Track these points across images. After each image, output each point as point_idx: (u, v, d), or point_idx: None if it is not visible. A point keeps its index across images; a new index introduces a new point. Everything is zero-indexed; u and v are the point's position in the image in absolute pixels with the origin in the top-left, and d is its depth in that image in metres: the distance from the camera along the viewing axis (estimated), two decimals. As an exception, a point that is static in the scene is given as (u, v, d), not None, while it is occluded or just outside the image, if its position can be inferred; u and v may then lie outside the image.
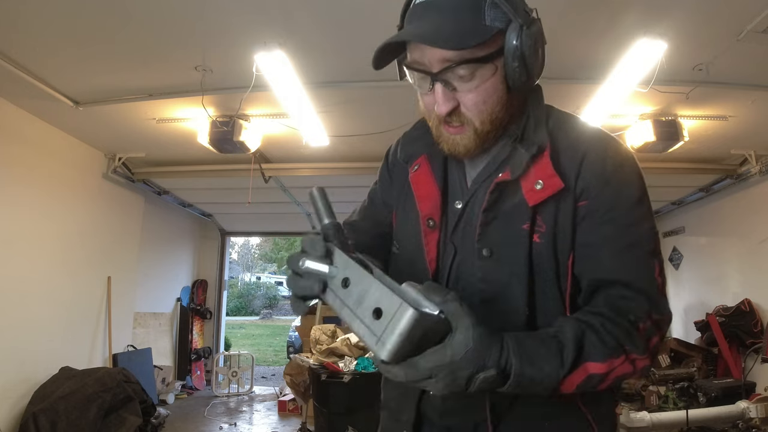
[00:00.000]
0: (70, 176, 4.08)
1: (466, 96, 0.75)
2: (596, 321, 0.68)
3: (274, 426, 4.79)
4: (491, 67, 0.73)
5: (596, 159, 0.77)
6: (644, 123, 3.50)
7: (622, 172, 0.78)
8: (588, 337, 0.66)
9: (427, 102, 0.79)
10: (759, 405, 2.93)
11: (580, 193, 0.77)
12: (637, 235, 0.75)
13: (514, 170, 0.77)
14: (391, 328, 0.53)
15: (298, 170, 4.56)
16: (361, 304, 0.58)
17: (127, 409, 3.69)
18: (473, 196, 0.83)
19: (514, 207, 0.78)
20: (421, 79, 0.76)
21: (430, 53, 0.72)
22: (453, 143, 0.79)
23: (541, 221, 0.77)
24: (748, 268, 4.51)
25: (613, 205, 0.76)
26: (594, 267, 0.75)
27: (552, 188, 0.75)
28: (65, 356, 3.86)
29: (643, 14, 2.32)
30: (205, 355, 6.48)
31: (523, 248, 0.77)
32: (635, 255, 0.74)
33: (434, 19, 0.71)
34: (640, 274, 0.74)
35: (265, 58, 2.62)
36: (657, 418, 2.88)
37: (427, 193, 0.86)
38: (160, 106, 3.46)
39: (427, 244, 0.85)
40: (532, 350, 0.62)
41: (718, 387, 3.53)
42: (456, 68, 0.72)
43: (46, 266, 3.80)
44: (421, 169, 0.89)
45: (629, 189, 0.77)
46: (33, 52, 2.72)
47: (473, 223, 0.81)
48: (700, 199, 5.11)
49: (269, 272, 25.84)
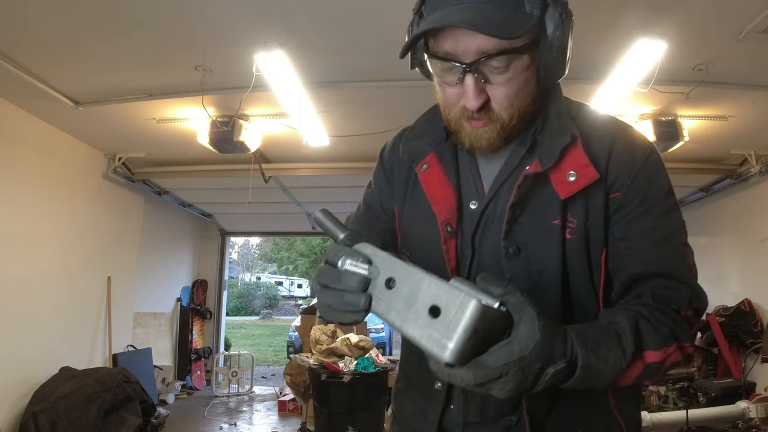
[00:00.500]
0: (70, 176, 4.08)
1: (498, 89, 0.70)
2: (645, 311, 0.67)
3: (274, 426, 4.79)
4: (527, 59, 0.69)
5: (625, 148, 0.75)
6: (644, 123, 3.50)
7: (652, 161, 0.76)
8: (642, 325, 0.65)
9: (451, 94, 0.73)
10: (759, 405, 2.93)
11: (612, 184, 0.74)
12: (672, 225, 0.75)
13: (544, 161, 0.73)
14: (453, 324, 0.47)
15: (298, 170, 4.56)
16: (413, 304, 0.52)
17: (127, 409, 3.69)
18: (497, 194, 0.78)
19: (544, 201, 0.74)
20: (446, 70, 0.70)
21: (466, 42, 0.66)
22: (476, 137, 0.74)
23: (572, 216, 0.74)
24: (748, 268, 4.51)
25: (646, 197, 0.74)
26: (633, 261, 0.73)
27: (586, 178, 0.71)
28: (65, 356, 3.86)
29: (643, 14, 2.31)
30: (205, 355, 6.48)
31: (555, 245, 0.73)
32: (672, 246, 0.74)
33: (473, 4, 0.65)
34: (679, 264, 0.74)
35: (265, 58, 2.62)
36: (657, 418, 2.88)
37: (442, 196, 0.80)
38: (160, 106, 3.46)
39: (447, 251, 0.79)
40: (595, 340, 0.60)
41: (718, 387, 3.53)
42: (491, 59, 0.66)
43: (46, 266, 3.80)
44: (431, 168, 0.83)
45: (660, 179, 0.76)
46: (33, 52, 2.72)
47: (496, 221, 0.77)
48: (700, 199, 5.11)
49: (269, 272, 25.84)
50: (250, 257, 26.02)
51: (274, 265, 25.76)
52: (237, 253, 24.50)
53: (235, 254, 24.14)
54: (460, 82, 0.69)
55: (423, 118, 0.91)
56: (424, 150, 0.85)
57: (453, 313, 0.48)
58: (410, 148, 0.87)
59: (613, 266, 0.75)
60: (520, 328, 0.52)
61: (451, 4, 0.67)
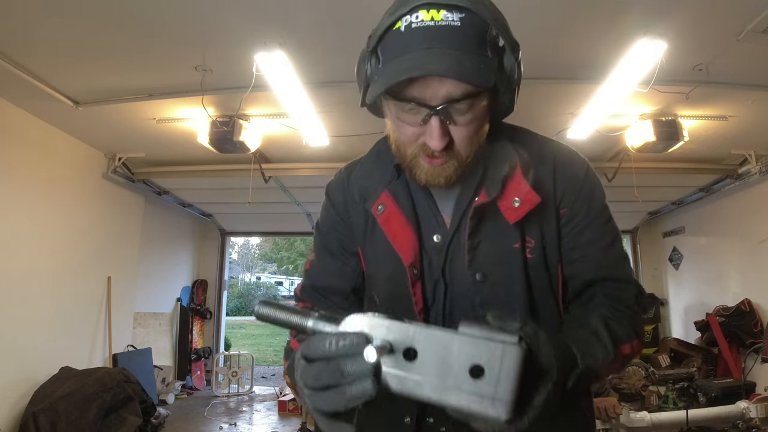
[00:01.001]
0: (70, 176, 4.08)
1: (460, 130, 0.71)
2: (608, 312, 0.76)
3: (274, 426, 4.79)
4: (484, 99, 0.71)
5: (565, 167, 0.82)
6: (644, 123, 3.50)
7: (591, 175, 0.84)
8: (611, 325, 0.72)
9: (410, 133, 0.73)
10: (759, 405, 2.93)
11: (560, 200, 0.81)
12: (612, 232, 0.83)
13: (489, 191, 0.77)
14: (503, 379, 0.45)
15: (298, 170, 4.56)
16: (448, 371, 0.46)
17: (127, 409, 3.69)
18: (459, 225, 0.81)
19: (500, 227, 0.78)
20: (408, 111, 0.70)
21: (435, 87, 0.67)
22: (434, 174, 0.74)
23: (529, 237, 0.80)
24: (748, 268, 4.51)
25: (590, 208, 0.81)
26: (586, 267, 0.81)
27: (529, 203, 0.76)
28: (65, 356, 3.86)
29: (643, 14, 2.31)
30: (205, 355, 6.48)
31: (518, 267, 0.79)
32: (615, 251, 0.83)
33: (446, 50, 0.65)
34: (623, 267, 0.83)
35: (265, 58, 2.62)
36: (657, 418, 2.88)
37: (404, 239, 0.81)
38: (160, 106, 3.46)
39: (414, 293, 0.81)
40: (584, 343, 0.65)
41: (718, 387, 3.54)
42: (457, 103, 0.68)
43: (46, 266, 3.80)
44: (388, 210, 0.82)
45: (598, 191, 0.84)
46: (33, 52, 2.72)
47: (461, 251, 0.80)
48: (700, 199, 5.11)
49: (269, 272, 25.84)
50: (250, 257, 26.02)
51: (274, 265, 25.77)
52: (237, 253, 24.50)
53: (235, 254, 24.15)
54: (424, 123, 0.70)
55: (371, 156, 0.91)
56: (376, 189, 0.84)
57: (498, 368, 0.45)
58: (361, 187, 0.87)
59: (567, 274, 0.83)
60: (541, 352, 0.52)
61: (418, 48, 0.66)
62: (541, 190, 0.78)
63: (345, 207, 0.91)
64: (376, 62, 0.73)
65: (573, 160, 0.84)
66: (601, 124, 3.54)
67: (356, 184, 0.88)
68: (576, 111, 3.38)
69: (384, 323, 0.49)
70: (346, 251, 0.91)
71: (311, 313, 0.53)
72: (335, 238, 0.92)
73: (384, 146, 0.88)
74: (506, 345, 0.45)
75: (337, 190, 0.93)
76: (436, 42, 0.65)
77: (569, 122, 3.53)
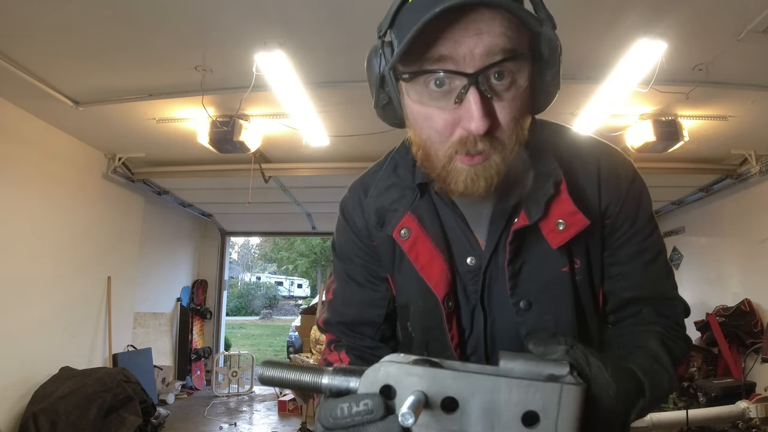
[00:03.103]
0: (70, 176, 4.08)
1: (503, 108, 0.57)
2: (662, 330, 0.69)
3: (274, 426, 4.79)
4: (527, 73, 0.58)
5: (611, 174, 0.72)
6: (644, 123, 3.50)
7: (637, 183, 0.73)
8: (669, 345, 0.66)
9: (442, 123, 0.58)
10: (759, 405, 2.93)
11: (605, 210, 0.72)
12: (657, 246, 0.75)
13: (531, 213, 0.66)
14: (562, 424, 0.40)
15: (298, 170, 4.56)
16: (497, 421, 0.40)
17: (127, 409, 3.69)
18: (497, 248, 0.71)
19: (543, 250, 0.68)
20: (437, 93, 0.57)
21: (471, 43, 0.53)
22: (472, 178, 0.59)
23: (575, 258, 0.70)
24: (748, 268, 4.51)
25: (634, 221, 0.72)
26: (624, 285, 0.73)
27: (576, 227, 0.66)
28: (65, 356, 3.86)
29: (643, 14, 2.31)
30: (205, 355, 6.48)
31: (567, 292, 0.69)
32: (658, 267, 0.74)
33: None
34: (667, 283, 0.75)
35: (265, 58, 2.62)
36: (657, 418, 2.88)
37: (435, 269, 0.71)
38: (160, 106, 3.46)
39: (450, 328, 0.71)
40: (649, 370, 0.59)
41: (718, 387, 3.53)
42: (504, 64, 0.54)
43: (46, 266, 3.80)
44: (414, 236, 0.71)
45: (644, 201, 0.74)
46: (33, 52, 2.72)
47: (501, 276, 0.70)
48: (700, 199, 5.11)
49: (269, 272, 25.85)
50: (250, 257, 26.03)
51: (274, 265, 25.78)
52: (237, 253, 24.53)
53: (235, 254, 24.17)
54: (460, 101, 0.55)
55: (387, 170, 0.78)
56: (396, 210, 0.73)
57: (557, 413, 0.40)
58: (378, 210, 0.74)
59: (605, 290, 0.75)
60: (598, 383, 0.47)
61: (444, 2, 0.50)
62: (586, 202, 0.68)
63: (367, 232, 0.79)
64: (391, 50, 0.61)
65: (619, 164, 0.73)
66: (601, 124, 3.54)
67: (372, 207, 0.75)
68: (576, 111, 3.38)
69: (415, 371, 0.41)
70: (374, 278, 0.80)
71: (325, 369, 0.45)
72: (359, 265, 0.81)
73: (402, 158, 0.77)
74: (564, 385, 0.40)
75: (355, 212, 0.80)
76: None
77: (569, 122, 3.53)
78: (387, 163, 0.79)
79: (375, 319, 0.81)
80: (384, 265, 0.79)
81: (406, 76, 0.58)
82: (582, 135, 0.77)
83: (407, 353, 0.45)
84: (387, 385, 0.41)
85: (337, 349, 0.81)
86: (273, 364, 0.46)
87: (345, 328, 0.82)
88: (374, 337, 0.82)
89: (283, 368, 0.46)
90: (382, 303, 0.80)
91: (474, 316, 0.73)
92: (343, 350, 0.80)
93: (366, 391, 0.41)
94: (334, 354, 0.81)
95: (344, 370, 0.44)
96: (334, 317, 0.83)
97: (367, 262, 0.80)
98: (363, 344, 0.82)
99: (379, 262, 0.79)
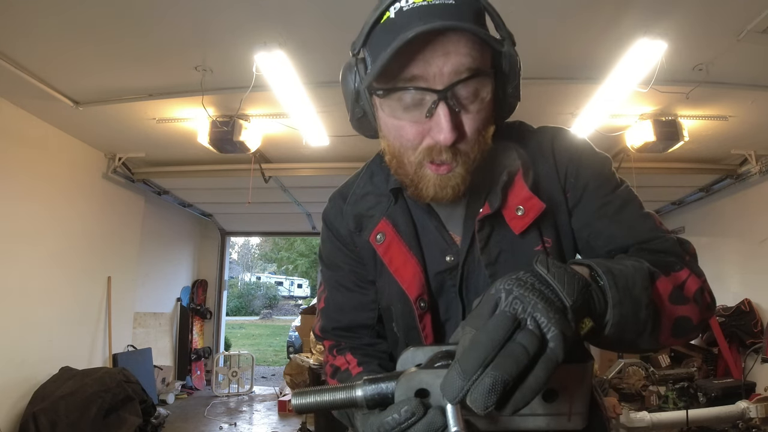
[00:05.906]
0: (70, 176, 4.08)
1: (469, 121, 0.63)
2: (649, 257, 0.63)
3: (274, 426, 4.79)
4: (490, 84, 0.63)
5: (563, 148, 0.75)
6: (644, 123, 3.50)
7: (587, 152, 0.76)
8: (646, 257, 0.62)
9: (413, 134, 0.64)
10: (759, 405, 2.93)
11: (563, 185, 0.74)
12: (624, 196, 0.73)
13: (492, 202, 0.71)
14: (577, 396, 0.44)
15: (298, 170, 4.56)
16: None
17: (127, 409, 3.69)
18: (472, 242, 0.74)
19: (514, 237, 0.72)
20: (408, 106, 0.62)
21: (440, 63, 0.59)
22: (441, 185, 0.65)
23: (546, 237, 0.73)
24: (748, 268, 4.51)
25: (591, 180, 0.73)
26: (599, 243, 0.72)
27: (534, 210, 0.70)
28: (65, 356, 3.86)
29: (643, 14, 2.32)
30: (205, 355, 6.48)
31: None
32: (628, 213, 0.72)
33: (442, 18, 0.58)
34: (646, 225, 0.72)
35: (265, 58, 2.62)
36: (657, 418, 2.87)
37: (408, 271, 0.75)
38: (160, 106, 3.46)
39: (423, 327, 0.75)
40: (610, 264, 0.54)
41: (718, 387, 3.53)
42: (465, 83, 0.60)
43: (47, 266, 3.80)
44: (389, 240, 0.76)
45: (597, 163, 0.75)
46: (33, 52, 2.72)
47: (478, 268, 0.73)
48: (700, 199, 5.11)
49: (269, 272, 25.84)
50: (250, 257, 26.02)
51: (274, 265, 25.77)
52: (237, 253, 24.51)
53: (235, 254, 24.16)
54: (431, 115, 0.61)
55: (364, 178, 0.84)
56: (373, 215, 0.78)
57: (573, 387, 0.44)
58: (356, 216, 0.80)
59: (584, 256, 0.74)
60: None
61: (415, 25, 0.57)
62: (546, 188, 0.72)
63: (350, 238, 0.83)
64: (365, 67, 0.67)
65: (570, 139, 0.77)
66: (601, 124, 3.54)
67: (350, 213, 0.81)
68: (576, 111, 3.38)
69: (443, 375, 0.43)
70: (363, 282, 0.84)
71: (355, 383, 0.48)
72: (347, 271, 0.85)
73: (377, 167, 0.82)
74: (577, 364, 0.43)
75: (337, 220, 0.85)
76: (433, 18, 0.58)
77: (569, 122, 3.53)
78: (363, 172, 0.85)
79: (368, 322, 0.85)
80: (368, 270, 0.83)
81: (381, 93, 0.64)
82: (542, 128, 0.80)
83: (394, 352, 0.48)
84: (421, 389, 0.45)
85: (341, 353, 0.83)
86: (305, 392, 0.49)
87: (342, 332, 0.86)
88: (371, 340, 0.85)
89: (315, 393, 0.48)
90: (373, 306, 0.84)
91: (450, 310, 0.76)
92: (348, 352, 0.83)
93: (403, 397, 0.45)
94: (339, 358, 0.83)
95: (374, 379, 0.47)
96: (329, 324, 0.87)
97: (355, 267, 0.84)
98: (363, 343, 0.85)
99: (365, 267, 0.83)
